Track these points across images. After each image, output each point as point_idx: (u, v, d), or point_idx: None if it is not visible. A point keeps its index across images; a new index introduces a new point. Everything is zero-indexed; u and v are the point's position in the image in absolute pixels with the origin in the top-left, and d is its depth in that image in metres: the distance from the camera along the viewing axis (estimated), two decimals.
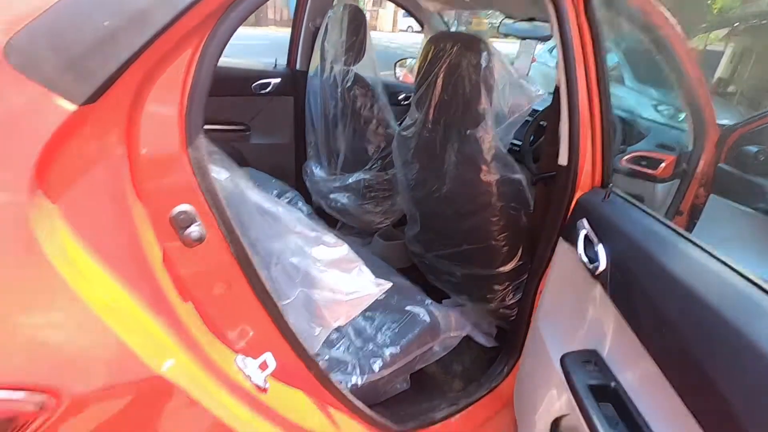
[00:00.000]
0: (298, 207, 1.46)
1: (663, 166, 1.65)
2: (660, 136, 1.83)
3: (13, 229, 0.36)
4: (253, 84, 1.93)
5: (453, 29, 2.46)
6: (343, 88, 1.72)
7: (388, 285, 0.71)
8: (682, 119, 1.77)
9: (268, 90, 1.98)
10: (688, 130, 1.64)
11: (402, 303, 1.17)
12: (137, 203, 0.44)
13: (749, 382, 0.46)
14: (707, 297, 0.54)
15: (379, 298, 1.21)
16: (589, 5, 0.85)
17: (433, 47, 1.16)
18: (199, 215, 0.48)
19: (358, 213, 1.81)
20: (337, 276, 0.71)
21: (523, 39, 2.02)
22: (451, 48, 1.11)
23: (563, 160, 0.93)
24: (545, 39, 1.90)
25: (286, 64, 2.11)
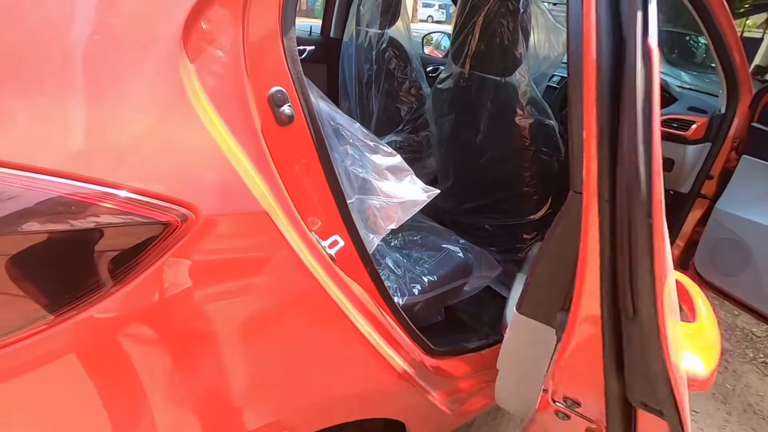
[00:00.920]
0: None
1: (694, 127, 1.66)
2: (692, 100, 1.83)
3: (169, 75, 0.45)
4: None
5: None
6: (378, 50, 1.79)
7: (435, 192, 0.77)
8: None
9: (302, 57, 2.06)
10: (721, 92, 1.65)
11: (437, 242, 1.23)
12: (247, 77, 0.52)
13: None
14: None
15: (416, 238, 1.27)
16: None
17: None
18: (290, 98, 0.56)
19: None
20: (391, 183, 0.77)
21: None
22: None
23: None
24: None
25: (320, 32, 2.18)
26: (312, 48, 2.07)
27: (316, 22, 2.30)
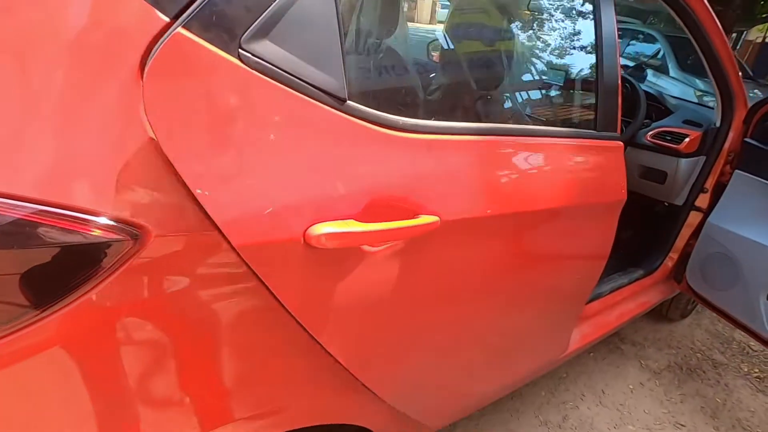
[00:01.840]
0: None
1: (687, 141, 1.66)
2: (687, 113, 1.83)
3: (123, 100, 0.47)
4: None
5: None
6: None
7: None
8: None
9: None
10: (716, 106, 1.64)
11: None
12: None
13: None
14: None
15: None
16: None
17: None
18: None
19: None
20: None
21: None
22: None
23: None
24: None
25: None
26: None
27: None
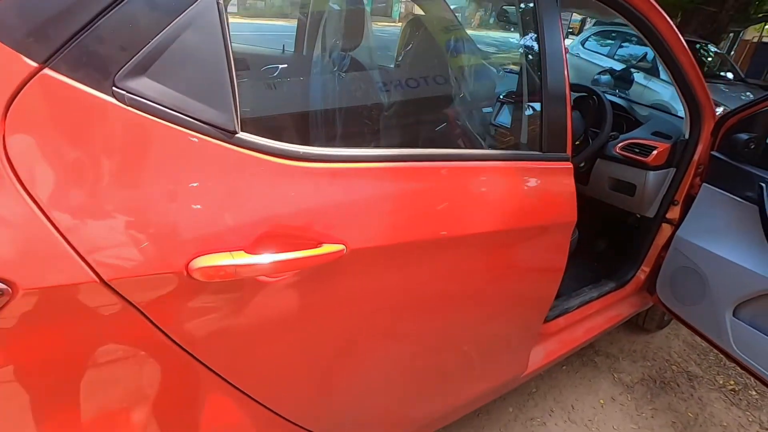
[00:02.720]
0: None
1: (655, 153, 1.63)
2: (657, 124, 1.80)
3: None
4: (262, 69, 2.04)
5: None
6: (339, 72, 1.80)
7: None
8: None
9: (274, 75, 2.09)
10: (684, 118, 1.62)
11: None
12: None
13: None
14: None
15: None
16: None
17: None
18: None
19: None
20: None
21: None
22: None
23: None
24: None
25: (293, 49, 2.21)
26: (284, 66, 2.10)
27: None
